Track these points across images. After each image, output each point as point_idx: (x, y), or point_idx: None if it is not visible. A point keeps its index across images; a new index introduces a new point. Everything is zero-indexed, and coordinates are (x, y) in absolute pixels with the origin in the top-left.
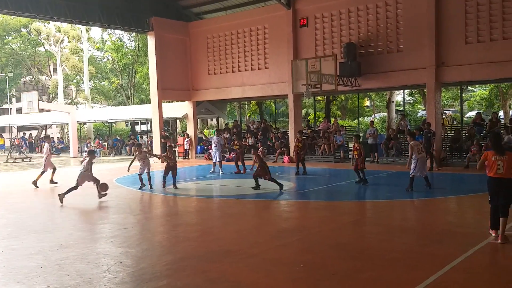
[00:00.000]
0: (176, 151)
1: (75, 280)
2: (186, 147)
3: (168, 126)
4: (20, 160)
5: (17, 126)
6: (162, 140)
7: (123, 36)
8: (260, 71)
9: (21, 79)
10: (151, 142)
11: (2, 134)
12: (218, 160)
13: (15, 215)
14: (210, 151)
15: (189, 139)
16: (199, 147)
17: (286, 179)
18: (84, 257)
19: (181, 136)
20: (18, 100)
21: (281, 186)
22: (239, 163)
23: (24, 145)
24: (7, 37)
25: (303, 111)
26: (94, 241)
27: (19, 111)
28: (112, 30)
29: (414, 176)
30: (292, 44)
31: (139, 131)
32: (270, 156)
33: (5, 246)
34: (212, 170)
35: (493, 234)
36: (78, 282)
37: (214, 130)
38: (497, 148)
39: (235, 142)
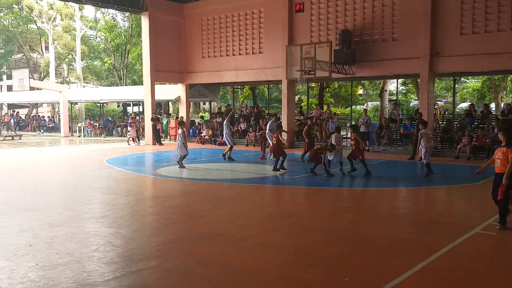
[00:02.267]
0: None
1: (64, 258)
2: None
3: (160, 108)
4: (10, 138)
5: (7, 104)
6: (152, 122)
7: (116, 15)
8: (255, 55)
9: (12, 56)
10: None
11: None
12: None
13: (4, 193)
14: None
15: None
16: (191, 131)
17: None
18: (74, 236)
19: (174, 119)
20: (9, 77)
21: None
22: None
23: (13, 123)
24: None
25: (296, 97)
26: (83, 221)
27: (9, 88)
28: (106, 9)
29: (428, 162)
30: (287, 29)
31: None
32: None
33: None
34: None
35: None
36: (67, 261)
37: (205, 114)
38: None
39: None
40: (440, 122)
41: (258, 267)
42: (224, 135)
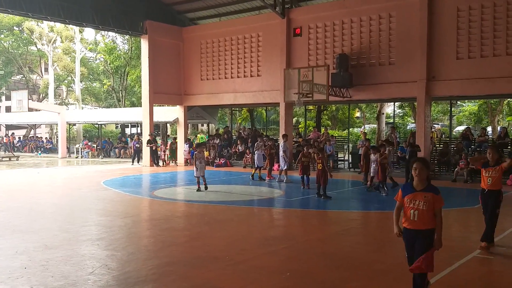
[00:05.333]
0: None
1: (59, 282)
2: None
3: (158, 130)
4: (8, 159)
5: (5, 125)
6: (147, 145)
7: (116, 38)
8: (253, 78)
9: (12, 78)
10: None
11: None
12: (285, 167)
13: (0, 214)
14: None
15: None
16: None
17: (276, 186)
18: (69, 258)
19: (173, 140)
20: (8, 98)
21: None
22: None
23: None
24: None
25: (294, 119)
26: (79, 243)
27: (8, 109)
28: (106, 32)
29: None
30: (285, 53)
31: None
32: None
33: None
34: (278, 178)
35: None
36: (62, 284)
37: (203, 136)
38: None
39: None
40: (437, 145)
41: None
42: (281, 157)
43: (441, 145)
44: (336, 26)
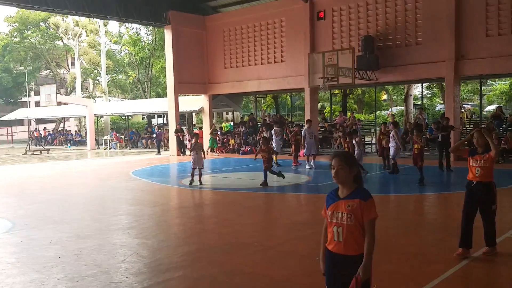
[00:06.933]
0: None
1: (92, 270)
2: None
3: (184, 120)
4: (39, 152)
5: (35, 119)
6: (175, 134)
7: (140, 30)
8: (276, 64)
9: (40, 73)
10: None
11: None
12: (314, 152)
13: (33, 206)
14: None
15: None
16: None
17: (302, 172)
18: (101, 247)
19: (197, 130)
20: (37, 93)
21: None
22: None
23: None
24: (26, 31)
25: (319, 104)
26: (111, 232)
27: (37, 104)
28: (129, 24)
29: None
30: (309, 37)
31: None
32: (285, 149)
33: (24, 236)
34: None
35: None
36: (96, 272)
37: (230, 124)
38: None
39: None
40: (467, 126)
41: (284, 276)
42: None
43: (471, 126)
44: (361, 8)
